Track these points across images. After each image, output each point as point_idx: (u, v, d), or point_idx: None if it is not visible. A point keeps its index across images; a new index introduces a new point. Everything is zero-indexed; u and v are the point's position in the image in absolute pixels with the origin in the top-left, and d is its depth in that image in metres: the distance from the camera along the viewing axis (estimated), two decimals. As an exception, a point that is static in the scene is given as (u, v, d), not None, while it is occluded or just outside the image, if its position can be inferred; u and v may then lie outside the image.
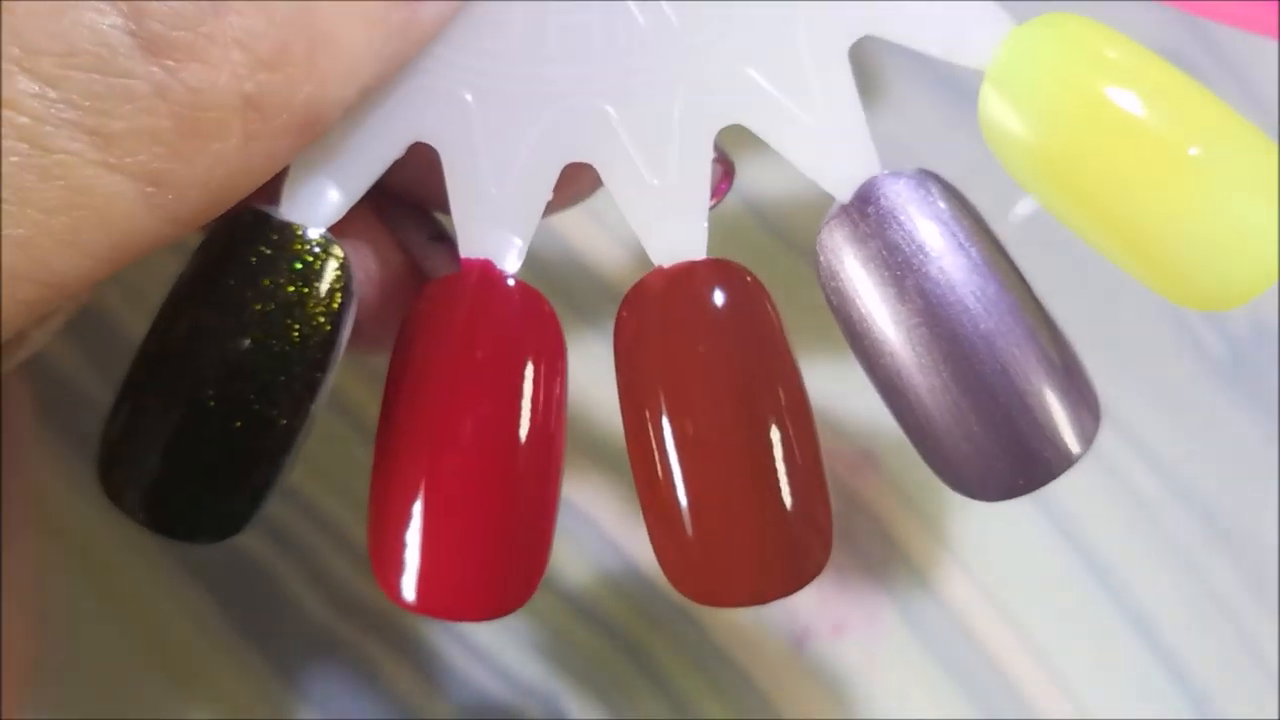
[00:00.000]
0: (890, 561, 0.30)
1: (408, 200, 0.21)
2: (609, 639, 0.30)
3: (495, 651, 0.30)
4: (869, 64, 0.26)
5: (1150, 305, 0.29)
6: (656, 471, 0.19)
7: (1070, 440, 0.19)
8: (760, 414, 0.19)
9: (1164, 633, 0.29)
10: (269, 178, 0.17)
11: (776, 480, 0.19)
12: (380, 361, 0.20)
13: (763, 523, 0.19)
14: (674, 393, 0.19)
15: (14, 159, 0.16)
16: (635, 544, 0.30)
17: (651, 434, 0.19)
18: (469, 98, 0.19)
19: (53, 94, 0.16)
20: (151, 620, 0.30)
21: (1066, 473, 0.19)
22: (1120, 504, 0.29)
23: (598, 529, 0.29)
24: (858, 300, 0.19)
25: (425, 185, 0.20)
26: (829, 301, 0.19)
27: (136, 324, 0.27)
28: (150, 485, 0.19)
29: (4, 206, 0.16)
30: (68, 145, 0.16)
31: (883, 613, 0.30)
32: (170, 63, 0.16)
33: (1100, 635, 0.30)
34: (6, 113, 0.16)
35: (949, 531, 0.29)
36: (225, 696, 0.30)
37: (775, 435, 0.19)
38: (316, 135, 0.17)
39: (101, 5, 0.16)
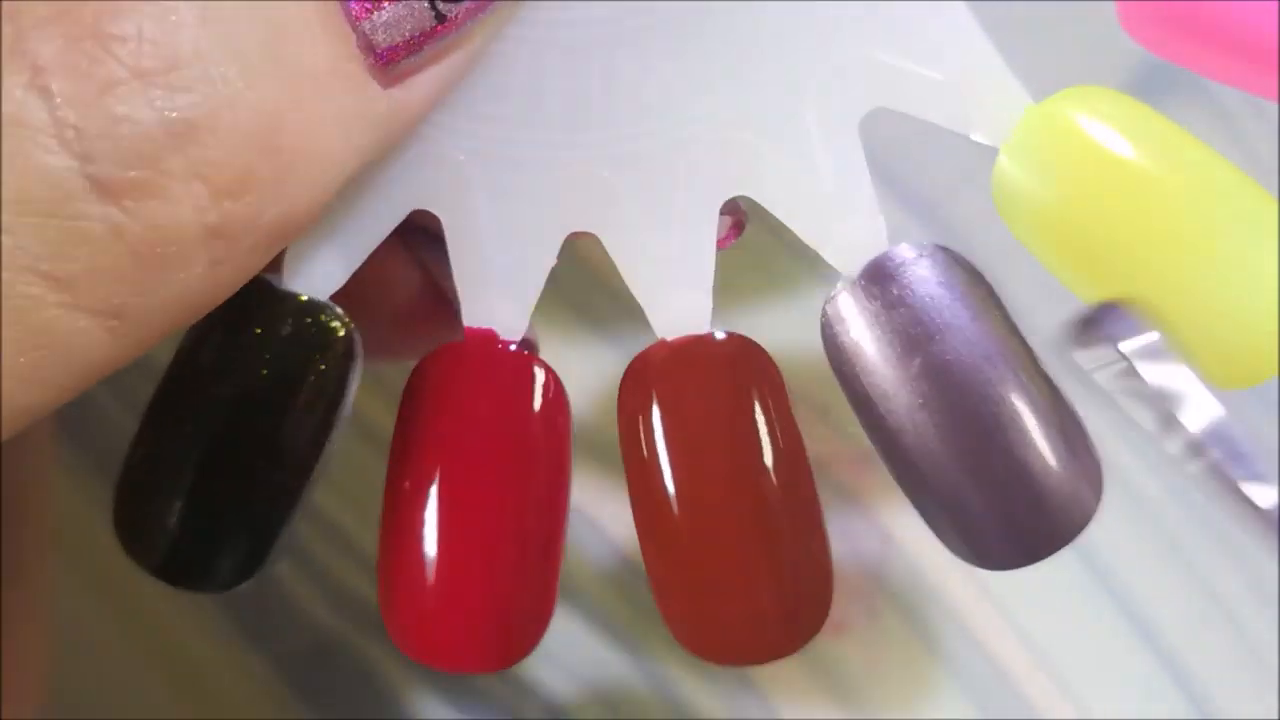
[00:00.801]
0: (890, 561, 0.30)
1: (426, 224, 0.21)
2: (609, 639, 0.30)
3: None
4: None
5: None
6: (660, 538, 0.19)
7: (1071, 516, 0.19)
8: (764, 488, 0.19)
9: (1164, 633, 0.29)
10: (240, 287, 0.17)
11: (774, 548, 0.19)
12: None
13: (763, 587, 0.19)
14: (678, 464, 0.19)
15: None
16: (634, 544, 0.30)
17: (655, 507, 0.19)
18: (469, 164, 0.19)
19: (8, 240, 0.15)
20: (152, 620, 0.30)
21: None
22: (1120, 504, 0.29)
23: (598, 530, 0.30)
24: (863, 373, 0.19)
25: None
26: (834, 370, 0.19)
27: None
28: (162, 544, 0.19)
29: None
30: (26, 290, 0.15)
31: (883, 613, 0.30)
32: (128, 203, 0.15)
33: (1101, 635, 0.30)
34: None
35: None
36: (225, 697, 0.30)
37: (779, 508, 0.19)
38: (290, 242, 0.17)
39: (55, 147, 0.15)
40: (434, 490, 0.19)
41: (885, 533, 0.30)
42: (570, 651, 0.30)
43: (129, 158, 0.15)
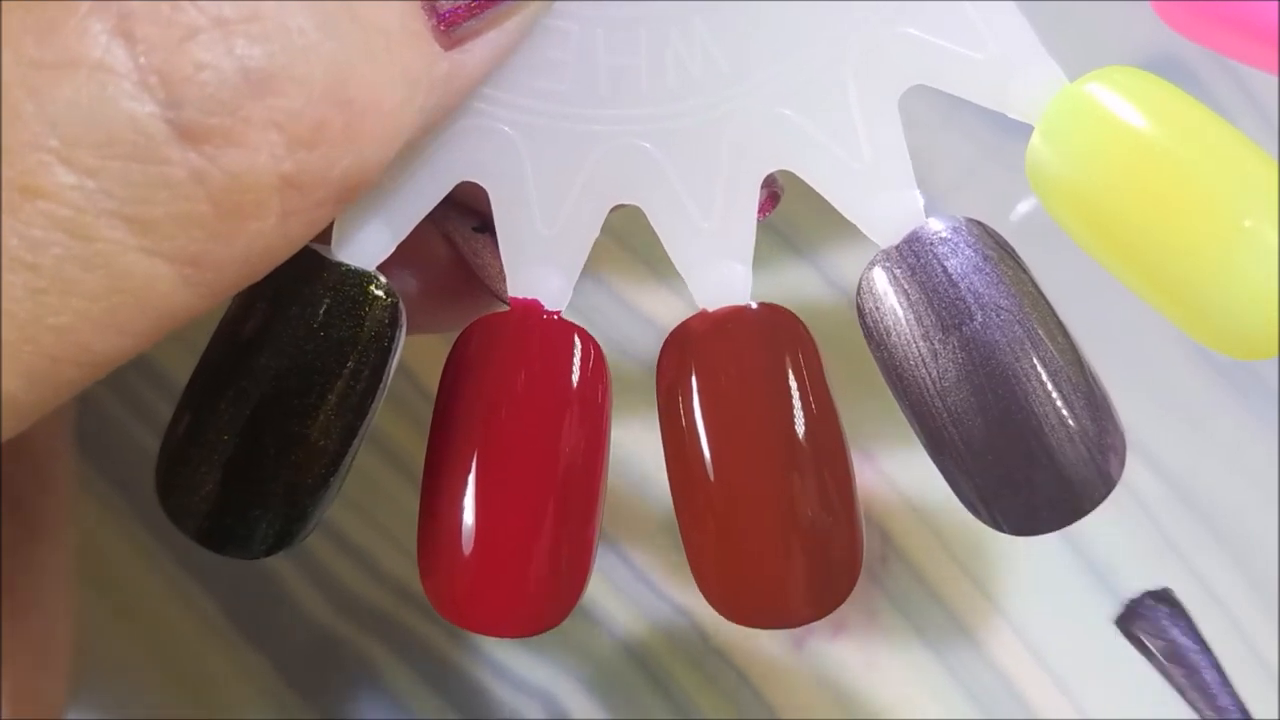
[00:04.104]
0: (890, 562, 0.30)
1: (452, 195, 0.21)
2: (609, 639, 0.30)
3: (495, 651, 0.30)
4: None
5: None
6: (697, 504, 0.20)
7: (1094, 485, 0.19)
8: (798, 458, 0.20)
9: (1164, 633, 0.29)
10: (307, 242, 0.18)
11: (808, 515, 0.20)
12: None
13: (791, 551, 0.20)
14: (714, 435, 0.20)
15: (56, 250, 0.16)
16: (635, 545, 0.30)
17: (691, 473, 0.20)
18: (519, 138, 0.19)
19: (91, 184, 0.16)
20: (152, 620, 0.30)
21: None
22: (1120, 504, 0.29)
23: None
24: (897, 343, 0.19)
25: (470, 187, 0.20)
26: (868, 340, 0.20)
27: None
28: (204, 508, 0.20)
29: (47, 297, 0.16)
30: (108, 234, 0.16)
31: (882, 613, 0.30)
32: (208, 148, 0.16)
33: (1100, 635, 0.30)
34: (47, 205, 0.16)
35: (948, 532, 0.30)
36: (225, 696, 0.30)
37: (812, 479, 0.20)
38: (355, 199, 0.18)
39: (138, 93, 0.16)
40: (475, 455, 0.20)
41: (885, 533, 0.30)
42: (569, 651, 0.30)
43: (210, 104, 0.16)
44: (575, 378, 0.20)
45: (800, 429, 0.20)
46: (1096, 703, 0.30)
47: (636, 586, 0.30)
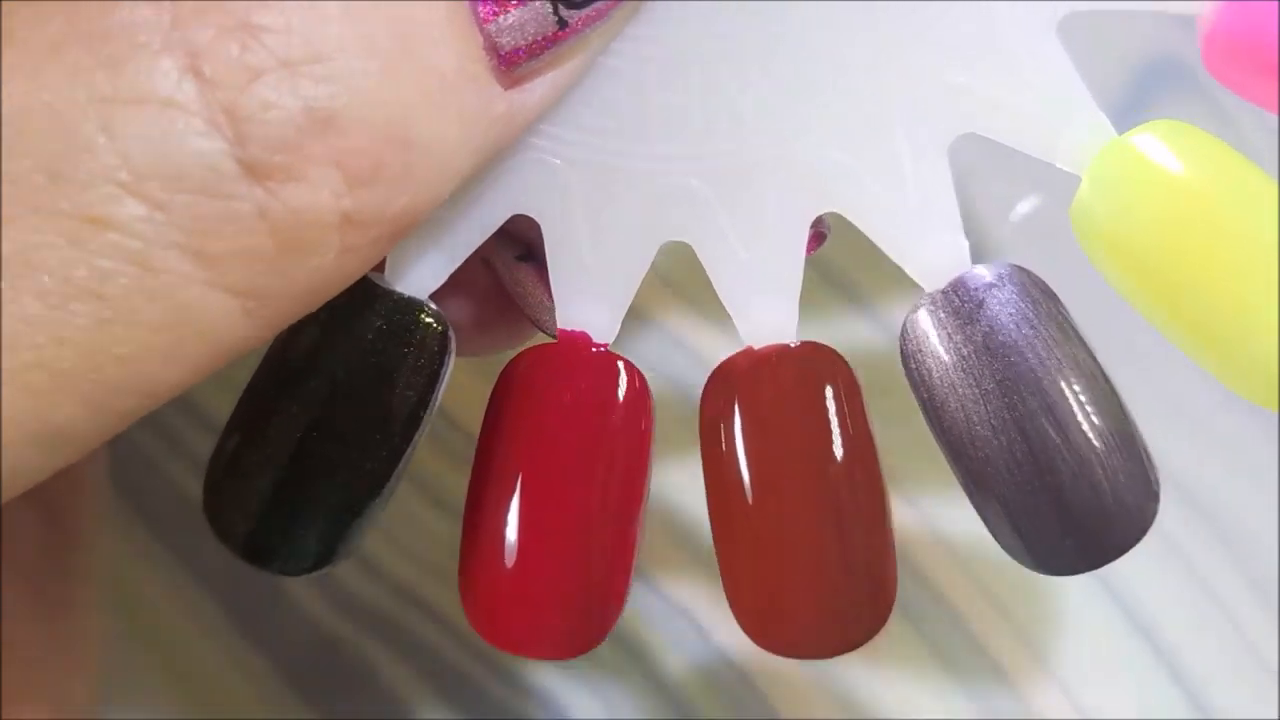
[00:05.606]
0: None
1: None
2: (608, 639, 0.30)
3: (495, 652, 0.30)
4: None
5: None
6: (737, 538, 0.20)
7: (1131, 525, 0.20)
8: (837, 491, 0.20)
9: (1164, 633, 0.30)
10: (362, 275, 0.18)
11: (844, 550, 0.20)
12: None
13: (828, 587, 0.20)
14: (755, 469, 0.20)
15: (123, 280, 0.16)
16: (644, 551, 0.30)
17: (731, 504, 0.20)
18: (571, 173, 0.20)
19: (160, 217, 0.16)
20: (152, 620, 0.30)
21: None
22: (1120, 504, 0.29)
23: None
24: (939, 385, 0.20)
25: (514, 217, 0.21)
26: (910, 382, 0.20)
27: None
28: (250, 526, 0.20)
29: (113, 327, 0.16)
30: (175, 266, 0.16)
31: (883, 613, 0.30)
32: (272, 184, 0.17)
33: (1100, 635, 0.30)
34: (116, 237, 0.16)
35: (948, 532, 0.30)
36: (225, 697, 0.30)
37: (850, 513, 0.20)
38: (405, 236, 0.18)
39: (207, 130, 0.16)
40: (519, 482, 0.20)
41: (885, 533, 0.30)
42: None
43: (275, 143, 0.16)
44: (620, 408, 0.20)
45: (840, 463, 0.20)
46: (1096, 702, 0.30)
47: (638, 587, 0.30)
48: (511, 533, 0.20)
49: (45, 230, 0.16)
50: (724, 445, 0.20)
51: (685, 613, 0.30)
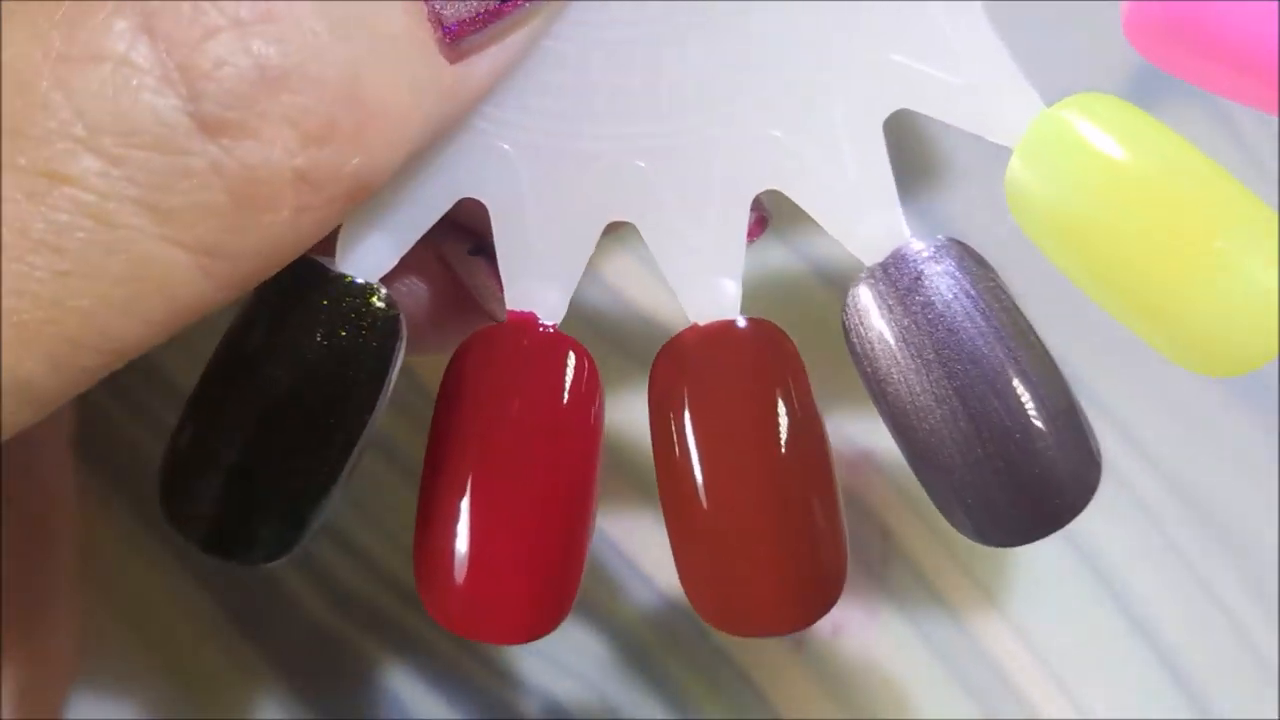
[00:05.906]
0: (890, 561, 0.30)
1: (449, 217, 0.22)
2: (608, 639, 0.30)
3: (495, 652, 0.30)
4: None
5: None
6: (686, 516, 0.21)
7: (1072, 498, 0.20)
8: (784, 468, 0.20)
9: (1164, 633, 0.30)
10: (317, 241, 0.18)
11: (795, 527, 0.21)
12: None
13: (780, 564, 0.21)
14: (704, 444, 0.20)
15: (80, 234, 0.17)
16: (635, 546, 0.30)
17: (681, 481, 0.21)
18: (517, 155, 0.20)
19: (115, 172, 0.17)
20: (152, 620, 0.30)
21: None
22: (1120, 504, 0.29)
23: (599, 532, 0.30)
24: (880, 360, 0.20)
25: (467, 208, 0.21)
26: (853, 355, 0.20)
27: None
28: (208, 516, 0.20)
29: (70, 279, 0.17)
30: (130, 220, 0.17)
31: (882, 612, 0.30)
32: (226, 141, 0.17)
33: (1100, 635, 0.30)
34: (73, 191, 0.17)
35: (948, 532, 0.30)
36: (225, 696, 0.30)
37: (797, 490, 0.20)
38: (364, 199, 0.18)
39: (161, 87, 0.17)
40: (470, 466, 0.21)
41: (885, 532, 0.30)
42: (568, 651, 0.30)
43: (228, 99, 0.17)
44: (568, 390, 0.21)
45: (786, 440, 0.20)
46: (1096, 702, 0.30)
47: (638, 587, 0.30)
48: (464, 519, 0.20)
49: (2, 185, 0.16)
50: (673, 427, 0.20)
51: (686, 613, 0.30)
